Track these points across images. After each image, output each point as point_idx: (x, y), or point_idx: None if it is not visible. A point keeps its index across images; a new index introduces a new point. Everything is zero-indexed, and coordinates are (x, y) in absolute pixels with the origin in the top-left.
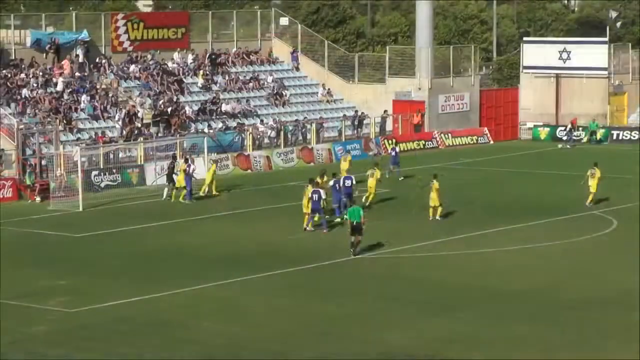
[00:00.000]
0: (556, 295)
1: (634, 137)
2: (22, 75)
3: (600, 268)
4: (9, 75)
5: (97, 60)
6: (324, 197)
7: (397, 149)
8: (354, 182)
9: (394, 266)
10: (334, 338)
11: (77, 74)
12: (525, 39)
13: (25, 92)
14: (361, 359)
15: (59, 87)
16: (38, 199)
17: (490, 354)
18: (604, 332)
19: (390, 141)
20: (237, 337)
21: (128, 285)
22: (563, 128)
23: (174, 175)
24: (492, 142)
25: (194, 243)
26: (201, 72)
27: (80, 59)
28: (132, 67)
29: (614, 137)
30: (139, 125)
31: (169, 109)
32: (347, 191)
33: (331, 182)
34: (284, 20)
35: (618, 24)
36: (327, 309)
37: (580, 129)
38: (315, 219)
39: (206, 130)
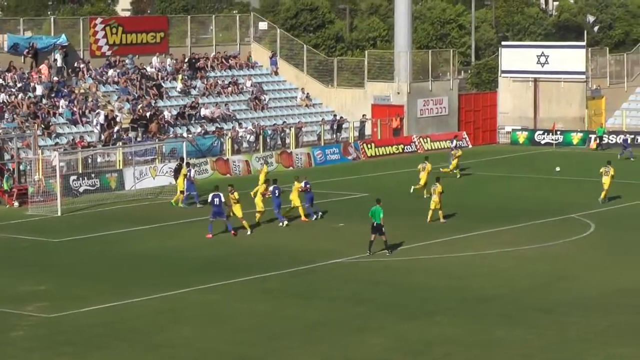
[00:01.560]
0: (535, 298)
1: (611, 140)
2: (0, 80)
3: (579, 271)
4: None
5: (75, 64)
6: (224, 200)
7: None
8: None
9: (372, 270)
10: (314, 342)
11: (55, 78)
12: (503, 43)
13: (2, 96)
14: None
15: (37, 92)
16: (16, 204)
17: (469, 357)
18: (583, 335)
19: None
20: (217, 342)
21: (107, 290)
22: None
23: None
24: (470, 146)
25: (174, 248)
26: (180, 76)
27: (59, 64)
28: (111, 72)
29: (592, 140)
30: (118, 129)
31: (148, 114)
32: (309, 196)
33: (271, 188)
34: (263, 25)
35: (595, 28)
36: (306, 314)
37: (559, 132)
38: (258, 216)
39: (185, 134)
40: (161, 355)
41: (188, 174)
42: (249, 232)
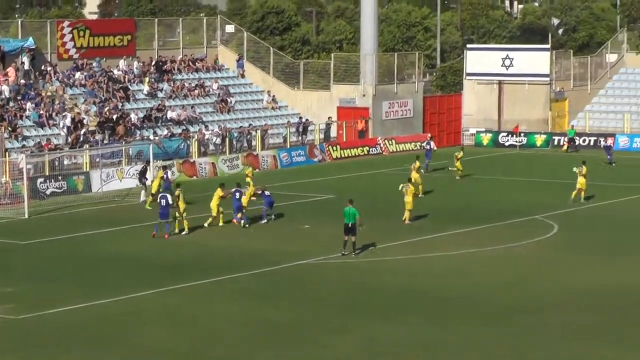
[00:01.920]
0: (499, 298)
1: (575, 142)
2: None
3: (542, 271)
4: None
5: (42, 67)
6: (171, 202)
7: (432, 145)
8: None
9: (339, 271)
10: (280, 343)
11: (22, 81)
12: (468, 45)
13: None
14: None
15: (4, 95)
16: None
17: (438, 356)
18: (544, 333)
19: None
20: (182, 343)
21: (75, 292)
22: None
23: (146, 181)
24: (435, 148)
25: (141, 249)
26: (147, 79)
27: (26, 67)
28: (78, 75)
29: (555, 142)
30: (85, 132)
31: (115, 116)
32: (269, 200)
33: (232, 190)
34: (230, 28)
35: (560, 31)
36: (273, 315)
37: (522, 134)
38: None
39: (152, 137)
40: (129, 356)
41: (165, 175)
42: (176, 231)
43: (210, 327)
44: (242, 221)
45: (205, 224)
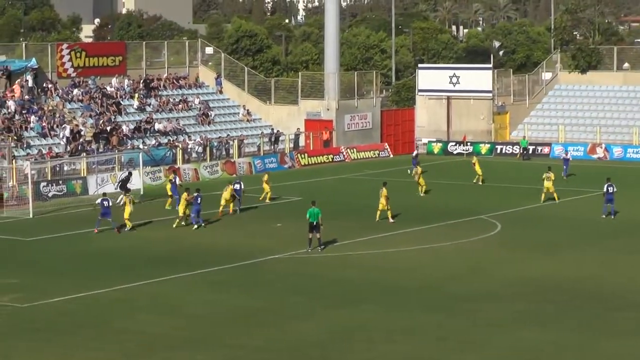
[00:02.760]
0: (451, 288)
1: (515, 151)
2: None
3: (488, 264)
4: None
5: (44, 85)
6: (110, 204)
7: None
8: (242, 186)
9: (307, 264)
10: (255, 327)
11: (26, 97)
12: (420, 65)
13: None
14: (280, 346)
15: (11, 109)
16: None
17: (391, 339)
18: (493, 320)
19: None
20: (171, 327)
21: (73, 283)
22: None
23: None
24: (391, 155)
25: (130, 245)
26: (136, 95)
27: (30, 84)
28: (76, 91)
29: (498, 151)
30: (82, 141)
31: (108, 128)
32: (237, 193)
33: (195, 194)
34: (209, 50)
35: (500, 53)
36: (248, 303)
37: (469, 144)
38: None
39: (141, 146)
40: (120, 339)
41: (174, 180)
42: (127, 229)
43: (191, 313)
44: (200, 223)
45: (174, 225)
